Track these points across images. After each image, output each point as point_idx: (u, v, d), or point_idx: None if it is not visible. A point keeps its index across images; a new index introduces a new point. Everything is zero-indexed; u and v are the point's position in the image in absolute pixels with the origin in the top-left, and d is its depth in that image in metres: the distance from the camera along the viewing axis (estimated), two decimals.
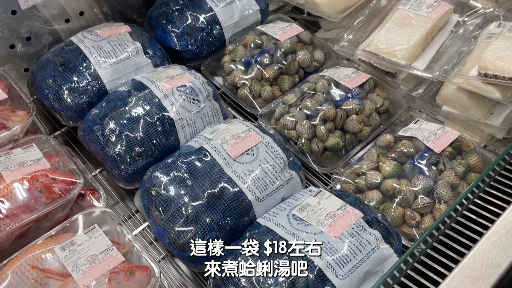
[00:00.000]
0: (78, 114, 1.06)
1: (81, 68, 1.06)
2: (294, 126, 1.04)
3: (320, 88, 1.09)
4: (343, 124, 1.04)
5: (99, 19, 1.25)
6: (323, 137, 1.02)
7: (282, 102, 1.10)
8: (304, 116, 1.04)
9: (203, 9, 1.22)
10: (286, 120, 1.05)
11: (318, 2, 1.18)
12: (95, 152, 1.01)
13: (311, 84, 1.11)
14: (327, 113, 1.02)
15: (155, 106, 0.98)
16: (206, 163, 0.90)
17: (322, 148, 1.02)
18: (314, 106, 1.04)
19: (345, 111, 1.04)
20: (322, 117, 1.03)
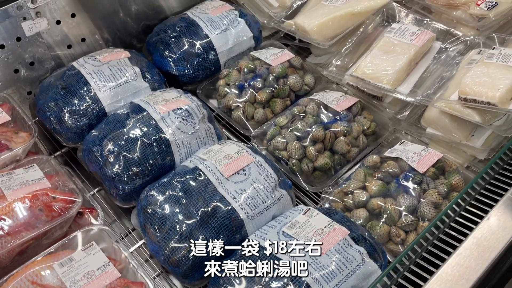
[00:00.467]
0: (78, 135, 1.11)
1: (82, 92, 1.11)
2: (285, 147, 1.09)
3: (310, 111, 1.14)
4: (331, 145, 1.08)
5: (100, 45, 1.31)
6: (312, 158, 1.06)
7: (273, 124, 1.15)
8: (295, 138, 1.09)
9: (199, 36, 1.28)
10: (277, 141, 1.10)
11: (308, 30, 1.25)
12: (94, 172, 1.05)
13: (302, 107, 1.16)
14: (317, 135, 1.07)
15: (152, 128, 1.02)
16: (200, 182, 0.94)
17: (311, 168, 1.06)
18: (304, 128, 1.09)
19: (333, 133, 1.09)
20: (311, 138, 1.07)
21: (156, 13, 1.39)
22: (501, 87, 0.98)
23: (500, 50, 1.08)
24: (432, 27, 1.24)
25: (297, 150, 1.07)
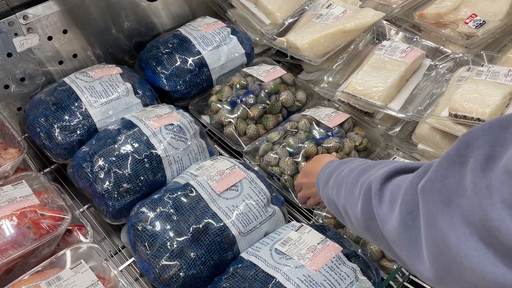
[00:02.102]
0: (68, 151, 1.09)
1: (73, 108, 1.10)
2: (277, 162, 1.09)
3: (302, 127, 1.15)
4: None
5: (92, 61, 1.31)
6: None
7: (266, 140, 1.15)
8: (287, 153, 1.09)
9: (191, 52, 1.28)
10: (269, 157, 1.10)
11: (300, 47, 1.26)
12: (84, 189, 1.04)
13: (294, 123, 1.17)
14: (309, 151, 1.07)
15: (144, 144, 1.02)
16: (192, 199, 0.93)
17: None
18: (296, 144, 1.09)
19: (325, 149, 1.09)
20: (304, 154, 1.07)
21: (149, 30, 1.40)
22: (491, 103, 0.99)
23: (488, 68, 1.09)
24: (422, 44, 1.26)
25: (289, 166, 1.07)
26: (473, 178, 0.46)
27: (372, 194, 0.61)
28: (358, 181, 0.67)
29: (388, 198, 0.58)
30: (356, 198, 0.66)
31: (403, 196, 0.55)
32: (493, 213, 0.44)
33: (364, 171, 0.68)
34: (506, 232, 0.43)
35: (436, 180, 0.50)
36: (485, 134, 0.47)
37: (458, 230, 0.47)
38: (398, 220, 0.55)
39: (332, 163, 0.80)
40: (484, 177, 0.46)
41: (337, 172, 0.76)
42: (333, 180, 0.75)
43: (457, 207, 0.48)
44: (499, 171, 0.45)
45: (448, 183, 0.49)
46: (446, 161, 0.50)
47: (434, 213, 0.50)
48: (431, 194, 0.51)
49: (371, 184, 0.62)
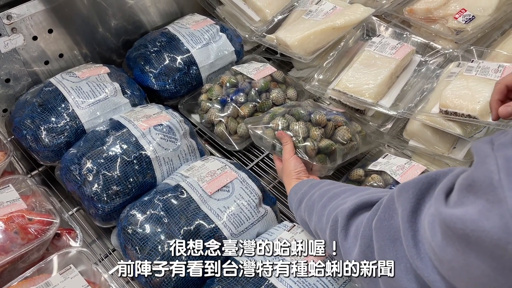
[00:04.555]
0: (56, 153, 1.07)
1: (60, 109, 1.08)
2: (287, 126, 1.03)
3: (306, 104, 1.11)
4: (332, 134, 1.04)
5: (79, 61, 1.29)
6: (317, 138, 1.01)
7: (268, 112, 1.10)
8: (296, 120, 1.05)
9: (180, 51, 1.26)
10: (278, 120, 1.03)
11: (290, 44, 1.25)
12: (72, 192, 1.02)
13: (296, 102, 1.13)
14: (320, 119, 1.03)
15: (132, 145, 1.00)
16: (182, 201, 0.92)
17: (317, 148, 1.00)
18: (305, 112, 1.05)
19: (334, 123, 1.05)
20: (314, 121, 1.03)
21: (136, 28, 1.38)
22: (481, 100, 0.99)
23: (478, 63, 1.09)
24: (412, 40, 1.26)
25: (302, 129, 1.01)
26: (403, 227, 0.54)
27: (338, 228, 0.68)
28: (326, 209, 0.73)
29: (352, 233, 0.65)
30: (324, 225, 0.72)
31: (363, 232, 0.62)
32: (417, 262, 0.52)
33: (331, 199, 0.74)
34: (429, 279, 0.51)
35: (384, 219, 0.58)
36: (414, 188, 0.55)
37: (401, 264, 0.55)
38: (359, 252, 0.62)
39: (303, 186, 0.86)
40: (410, 228, 0.53)
41: (308, 196, 0.82)
42: (304, 204, 0.81)
43: (400, 244, 0.55)
44: (422, 224, 0.52)
45: (393, 223, 0.57)
46: (390, 203, 0.58)
47: (384, 248, 0.58)
48: (381, 231, 0.58)
49: (338, 217, 0.68)
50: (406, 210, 0.54)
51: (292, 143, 0.99)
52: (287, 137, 0.99)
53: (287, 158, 0.97)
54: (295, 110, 1.06)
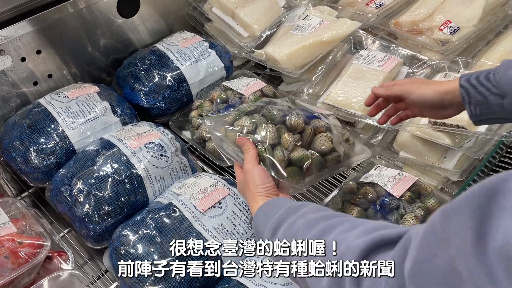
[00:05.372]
0: (46, 175, 1.06)
1: (49, 130, 1.07)
2: (254, 129, 0.86)
3: (284, 102, 0.97)
4: (310, 141, 0.88)
5: (68, 80, 1.28)
6: (288, 147, 0.84)
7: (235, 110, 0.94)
8: (266, 121, 0.88)
9: (169, 68, 1.27)
10: (244, 122, 0.87)
11: (278, 59, 1.26)
12: (63, 213, 1.01)
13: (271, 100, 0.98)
14: (295, 123, 0.86)
15: (123, 164, 0.99)
16: (175, 219, 0.91)
17: (287, 158, 0.83)
18: (279, 113, 0.89)
19: (313, 128, 0.89)
20: (288, 125, 0.87)
21: (125, 46, 1.38)
22: None
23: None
24: (399, 52, 1.28)
25: (271, 134, 0.83)
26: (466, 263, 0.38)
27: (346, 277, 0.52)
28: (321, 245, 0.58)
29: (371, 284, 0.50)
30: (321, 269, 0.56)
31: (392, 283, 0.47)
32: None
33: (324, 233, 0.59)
34: None
35: (425, 261, 0.44)
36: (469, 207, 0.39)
37: None
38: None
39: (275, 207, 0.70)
40: (480, 263, 0.37)
41: (287, 223, 0.65)
42: (282, 234, 0.65)
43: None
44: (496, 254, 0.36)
45: (439, 264, 0.42)
46: (430, 237, 0.44)
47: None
48: (422, 277, 0.44)
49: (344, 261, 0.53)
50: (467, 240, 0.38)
51: (255, 150, 0.82)
52: (248, 144, 0.83)
53: (249, 169, 0.80)
54: (268, 109, 0.89)
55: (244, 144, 0.84)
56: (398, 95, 0.94)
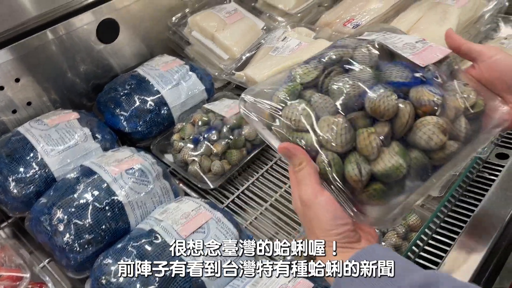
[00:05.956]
0: (26, 204, 1.05)
1: (28, 158, 1.06)
2: (311, 124, 0.56)
3: (363, 58, 0.60)
4: (408, 130, 0.56)
5: (48, 107, 1.28)
6: (370, 153, 0.53)
7: (288, 79, 0.63)
8: (331, 108, 0.56)
9: (150, 92, 1.27)
10: (295, 111, 0.56)
11: (258, 81, 1.27)
12: (43, 243, 0.99)
13: (344, 50, 0.62)
14: (382, 106, 0.53)
15: (104, 191, 0.99)
16: (157, 246, 0.90)
17: (367, 176, 0.53)
18: (354, 91, 0.56)
19: (413, 106, 0.56)
20: (371, 111, 0.55)
21: (106, 72, 1.38)
22: None
23: None
24: None
25: (340, 133, 0.53)
26: None
27: None
28: None
29: None
30: None
31: None
32: None
33: None
34: None
35: None
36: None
37: None
38: None
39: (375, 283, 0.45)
40: None
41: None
42: None
43: None
44: None
45: None
46: None
47: None
48: None
49: None
50: None
51: (312, 166, 0.53)
52: (301, 155, 0.54)
53: (310, 201, 0.53)
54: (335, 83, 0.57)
55: (293, 156, 0.54)
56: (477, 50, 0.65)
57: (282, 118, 0.58)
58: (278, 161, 1.28)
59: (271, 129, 0.59)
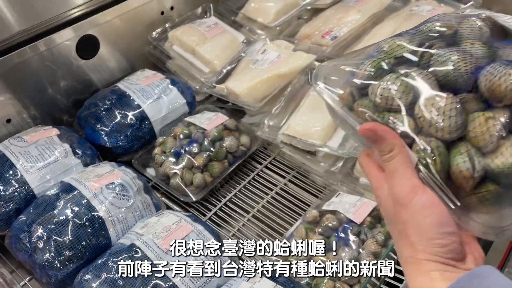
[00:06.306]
0: (5, 222, 1.04)
1: (7, 176, 1.06)
2: (409, 103, 0.47)
3: (472, 33, 0.51)
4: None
5: (28, 124, 1.27)
6: (487, 143, 0.44)
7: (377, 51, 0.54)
8: (436, 86, 0.47)
9: (131, 107, 1.28)
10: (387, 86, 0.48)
11: (239, 93, 1.29)
12: (23, 261, 0.99)
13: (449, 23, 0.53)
14: (503, 85, 0.44)
15: (84, 207, 0.98)
16: (137, 260, 0.90)
17: (482, 170, 0.44)
18: (464, 66, 0.46)
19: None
20: (486, 92, 0.46)
21: (87, 87, 1.39)
22: None
23: None
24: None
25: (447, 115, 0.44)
26: None
27: None
28: None
29: None
30: None
31: None
32: None
33: None
34: None
35: None
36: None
37: None
38: None
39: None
40: None
41: None
42: None
43: None
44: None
45: None
46: None
47: None
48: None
49: None
50: None
51: (406, 153, 0.44)
52: (394, 139, 0.44)
53: (406, 199, 0.43)
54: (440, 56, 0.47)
55: (382, 140, 0.44)
56: None
57: (370, 95, 0.48)
58: (260, 172, 1.29)
59: (352, 109, 0.49)
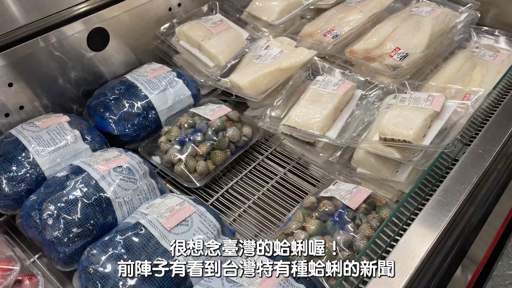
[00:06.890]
0: (17, 202, 1.09)
1: (20, 158, 1.11)
2: None
3: None
4: None
5: (39, 112, 1.33)
6: None
7: None
8: None
9: (138, 97, 1.33)
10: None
11: (242, 86, 1.34)
12: (33, 238, 1.03)
13: None
14: None
15: (93, 188, 1.03)
16: (142, 237, 0.95)
17: None
18: None
19: None
20: None
21: (96, 78, 1.44)
22: (414, 126, 1.09)
23: (411, 94, 1.21)
24: (353, 78, 1.38)
25: None
26: None
27: None
28: None
29: None
30: None
31: None
32: None
33: None
34: None
35: None
36: None
37: None
38: None
39: None
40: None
41: None
42: None
43: None
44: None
45: None
46: None
47: None
48: None
49: None
50: None
51: None
52: None
53: None
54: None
55: None
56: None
57: None
58: (261, 162, 1.34)
59: None
